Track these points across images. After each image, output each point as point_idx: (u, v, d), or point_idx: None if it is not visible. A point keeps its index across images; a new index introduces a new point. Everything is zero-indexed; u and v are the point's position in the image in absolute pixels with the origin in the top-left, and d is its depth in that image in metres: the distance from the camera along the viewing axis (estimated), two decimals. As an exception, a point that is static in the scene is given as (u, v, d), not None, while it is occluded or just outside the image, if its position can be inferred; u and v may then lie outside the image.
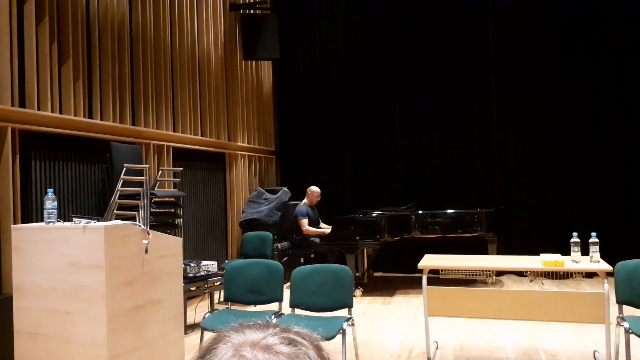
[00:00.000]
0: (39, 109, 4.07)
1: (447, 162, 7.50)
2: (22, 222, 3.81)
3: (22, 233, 2.91)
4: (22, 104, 3.98)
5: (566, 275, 6.72)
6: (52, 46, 4.23)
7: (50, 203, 2.90)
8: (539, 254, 3.96)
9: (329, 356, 0.63)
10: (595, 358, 3.84)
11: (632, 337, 3.17)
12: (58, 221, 2.94)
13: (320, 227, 6.82)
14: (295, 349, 0.60)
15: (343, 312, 3.64)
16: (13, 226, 3.02)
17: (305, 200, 6.88)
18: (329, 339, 3.28)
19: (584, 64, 6.98)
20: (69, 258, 2.77)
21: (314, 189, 6.93)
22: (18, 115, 3.86)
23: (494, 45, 7.35)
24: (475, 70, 7.43)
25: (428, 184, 7.56)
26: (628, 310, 3.42)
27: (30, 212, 4.02)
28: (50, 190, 2.92)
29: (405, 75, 7.75)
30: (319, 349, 0.62)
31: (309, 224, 6.66)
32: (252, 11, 7.65)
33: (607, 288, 3.43)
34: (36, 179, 4.10)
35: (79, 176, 4.55)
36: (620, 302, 3.43)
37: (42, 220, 3.01)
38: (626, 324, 3.22)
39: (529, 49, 7.19)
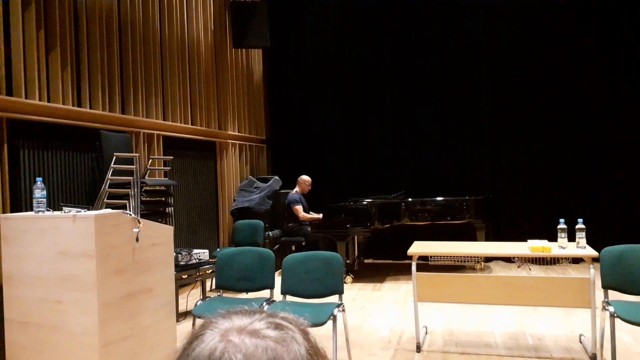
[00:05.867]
0: (26, 98, 4.03)
1: (437, 150, 7.53)
2: (11, 212, 3.79)
3: (12, 222, 2.90)
4: (10, 93, 3.94)
5: (553, 261, 6.81)
6: (39, 34, 4.18)
7: (39, 192, 2.89)
8: (526, 240, 4.01)
9: (316, 340, 0.65)
10: (581, 342, 3.91)
11: (617, 321, 3.23)
12: (47, 210, 2.93)
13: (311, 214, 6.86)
14: (282, 332, 0.61)
15: (334, 299, 3.67)
16: (2, 215, 3.01)
17: (296, 189, 6.91)
18: (320, 324, 3.32)
19: (573, 55, 7.00)
20: (59, 247, 2.77)
21: (305, 178, 6.96)
22: (5, 104, 3.82)
23: (485, 34, 7.35)
24: (466, 58, 7.43)
25: (418, 172, 7.59)
26: (613, 295, 3.48)
27: (20, 202, 4.00)
28: (39, 179, 2.91)
29: (396, 64, 7.74)
30: (305, 333, 0.63)
31: (301, 212, 6.71)
32: (241, -2, 7.59)
33: (593, 273, 3.49)
34: (25, 168, 4.07)
35: (68, 165, 4.52)
36: (606, 287, 3.49)
37: (31, 210, 3.00)
38: (611, 309, 3.28)
39: (518, 39, 7.20)
